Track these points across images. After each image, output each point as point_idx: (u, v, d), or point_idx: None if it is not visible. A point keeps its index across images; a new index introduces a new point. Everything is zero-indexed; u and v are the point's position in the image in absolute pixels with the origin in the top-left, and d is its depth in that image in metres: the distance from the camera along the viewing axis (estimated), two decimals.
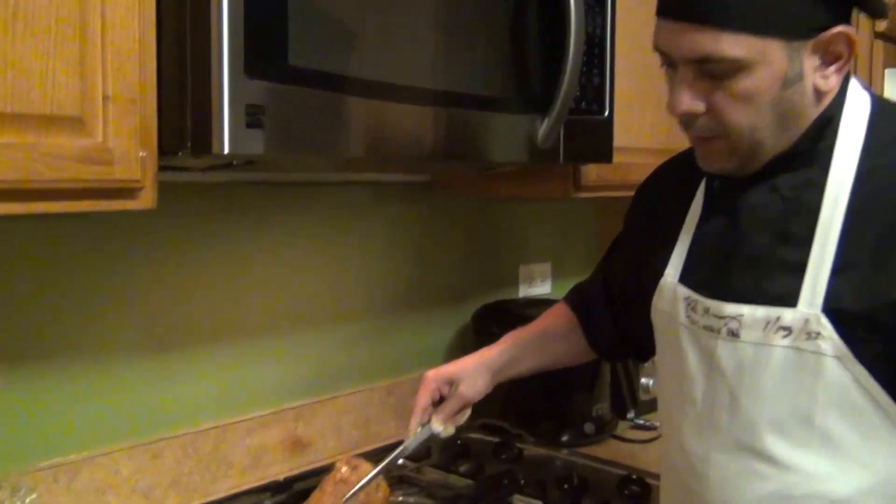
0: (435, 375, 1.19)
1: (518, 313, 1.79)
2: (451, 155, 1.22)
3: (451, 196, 1.81)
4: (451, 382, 1.19)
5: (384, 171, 1.55)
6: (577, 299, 1.29)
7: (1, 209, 0.87)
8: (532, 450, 1.63)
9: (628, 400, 1.76)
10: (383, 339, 1.71)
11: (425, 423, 1.18)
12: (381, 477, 1.16)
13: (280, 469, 1.49)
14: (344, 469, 1.15)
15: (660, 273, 1.03)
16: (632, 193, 1.72)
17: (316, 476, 1.41)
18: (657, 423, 1.80)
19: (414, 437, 1.18)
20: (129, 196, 0.96)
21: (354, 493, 1.11)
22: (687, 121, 0.93)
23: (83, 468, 1.24)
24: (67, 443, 1.24)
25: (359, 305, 1.65)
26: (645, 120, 1.66)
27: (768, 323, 0.91)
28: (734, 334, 0.93)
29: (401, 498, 1.32)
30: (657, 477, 1.46)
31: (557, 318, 1.29)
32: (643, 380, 1.81)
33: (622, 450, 1.68)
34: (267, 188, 1.48)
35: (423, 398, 1.18)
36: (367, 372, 1.67)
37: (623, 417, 1.79)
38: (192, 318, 1.39)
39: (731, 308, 0.94)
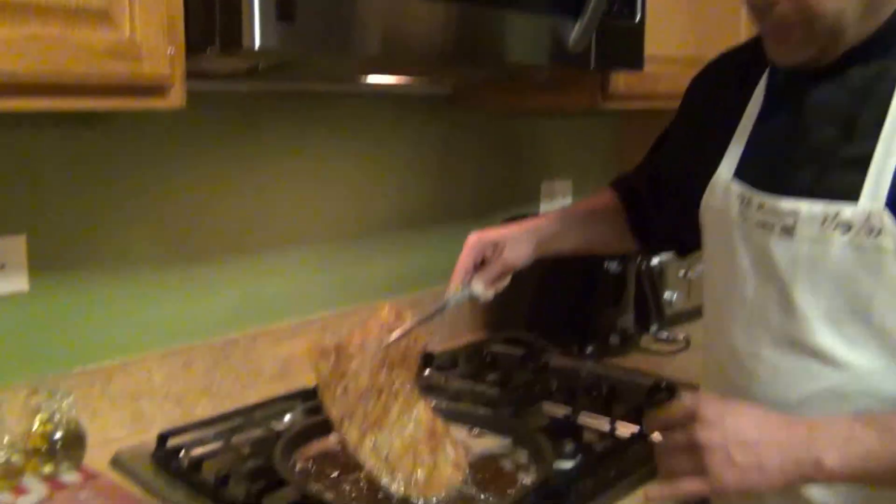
0: (479, 238, 1.18)
1: None
2: (480, 56, 1.19)
3: (474, 110, 1.78)
4: (496, 246, 1.17)
5: (408, 75, 1.51)
6: (623, 186, 1.28)
7: (29, 104, 0.86)
8: (558, 360, 1.64)
9: (653, 313, 1.75)
10: (406, 253, 1.70)
11: (466, 285, 1.17)
12: (418, 331, 1.15)
13: (310, 378, 1.49)
14: (389, 314, 1.13)
15: (713, 169, 1.01)
16: (659, 104, 1.69)
17: None
18: (680, 336, 1.81)
19: (454, 296, 1.17)
20: (158, 94, 0.95)
21: (396, 340, 1.09)
22: (763, 8, 0.90)
23: (117, 374, 1.25)
24: (102, 350, 1.25)
25: (382, 219, 1.65)
26: (674, 28, 1.62)
27: (826, 219, 0.89)
28: (789, 231, 0.91)
29: (433, 402, 1.32)
30: (687, 385, 1.48)
31: (603, 201, 1.28)
32: (667, 294, 1.81)
33: (647, 361, 1.69)
34: (291, 99, 1.46)
35: (466, 260, 1.17)
36: (391, 285, 1.67)
37: (647, 331, 1.80)
38: (220, 229, 1.39)
39: (787, 204, 0.92)
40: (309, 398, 1.37)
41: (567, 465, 1.16)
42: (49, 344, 1.20)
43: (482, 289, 1.16)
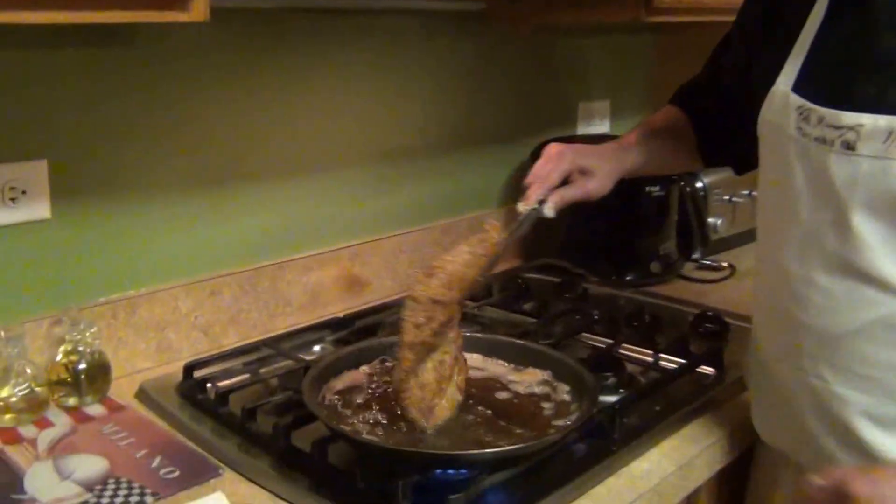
0: (574, 158, 1.08)
1: None
2: None
3: (507, 27, 1.68)
4: (585, 171, 1.09)
5: None
6: (687, 100, 1.19)
7: (44, 17, 0.80)
8: (596, 289, 1.57)
9: (697, 239, 1.68)
10: (438, 178, 1.63)
11: (540, 203, 1.06)
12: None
13: (337, 308, 1.45)
14: (492, 241, 0.98)
15: (771, 79, 0.92)
16: (705, 18, 1.59)
17: (376, 314, 1.38)
18: (724, 263, 1.74)
19: (528, 211, 1.06)
20: (180, 6, 0.88)
21: (494, 262, 0.99)
22: None
23: (142, 304, 1.21)
24: (127, 279, 1.21)
25: (412, 143, 1.57)
26: None
27: (891, 134, 0.80)
28: (850, 147, 0.83)
29: (467, 333, 1.26)
30: (734, 315, 1.41)
31: (672, 117, 1.20)
32: (710, 219, 1.73)
33: (690, 290, 1.62)
34: (317, 16, 1.37)
35: (553, 175, 1.07)
36: (422, 212, 1.61)
37: (689, 258, 1.72)
38: (245, 154, 1.33)
39: (849, 117, 0.83)
40: (339, 328, 1.33)
41: (609, 399, 1.11)
42: (72, 273, 1.16)
43: (553, 211, 1.07)
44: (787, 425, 0.97)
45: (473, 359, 1.10)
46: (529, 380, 1.06)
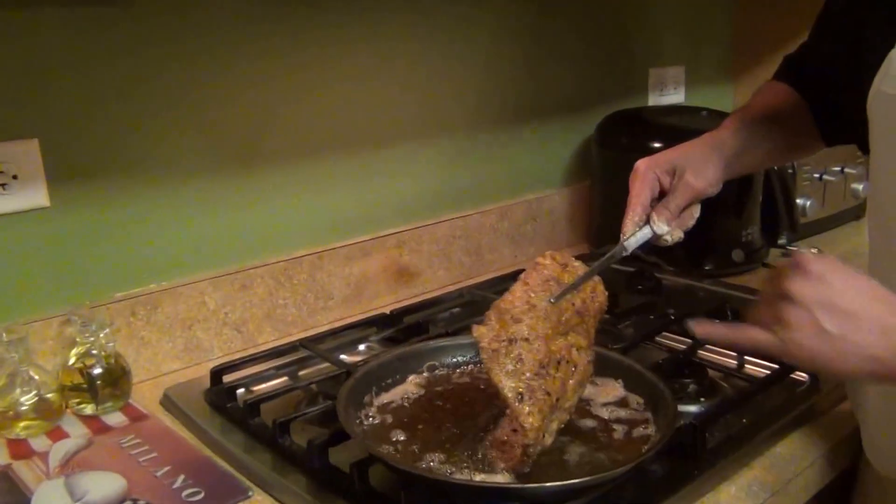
0: (650, 163, 0.96)
1: (652, 122, 1.55)
2: None
3: None
4: (674, 172, 0.96)
5: None
6: (796, 72, 1.03)
7: None
8: (671, 280, 1.42)
9: (785, 222, 1.51)
10: (494, 157, 1.49)
11: (643, 224, 0.94)
12: (597, 280, 0.92)
13: (384, 301, 1.33)
14: (550, 264, 0.89)
15: (889, 41, 0.76)
16: None
17: (427, 309, 1.26)
18: (814, 250, 1.56)
19: (632, 237, 0.94)
20: None
21: (564, 295, 0.86)
22: None
23: (165, 300, 1.11)
24: (145, 272, 1.10)
25: (466, 119, 1.43)
26: None
27: None
28: None
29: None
30: None
31: (780, 97, 1.03)
32: (799, 200, 1.55)
33: None
34: None
35: (640, 191, 0.94)
36: (478, 194, 1.47)
37: (774, 244, 1.56)
38: (281, 133, 1.20)
39: None
40: (385, 325, 1.20)
41: (689, 409, 0.97)
42: (81, 267, 1.05)
43: (666, 226, 0.94)
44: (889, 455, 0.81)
45: None
46: (596, 394, 0.92)
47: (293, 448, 0.90)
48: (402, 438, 0.84)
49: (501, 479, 0.78)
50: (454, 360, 0.99)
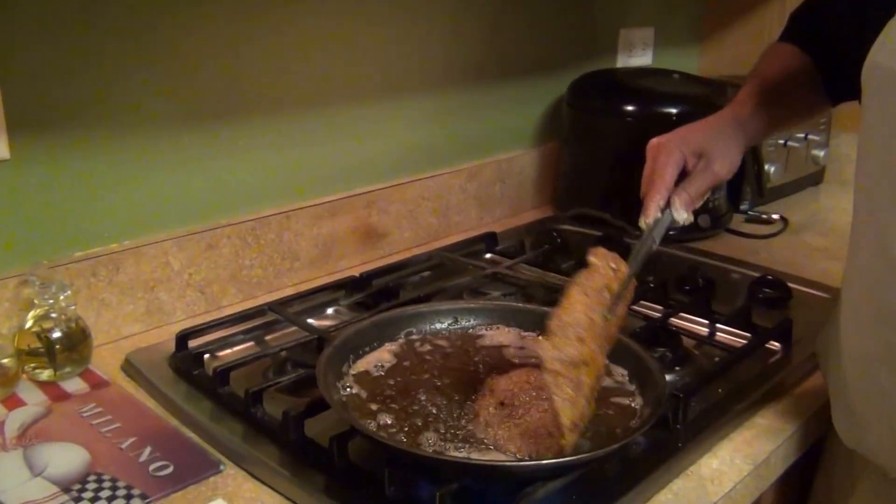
0: (679, 142, 0.92)
1: (623, 83, 1.52)
2: None
3: None
4: (700, 155, 0.92)
5: None
6: (801, 31, 1.00)
7: None
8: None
9: (752, 188, 1.51)
10: (464, 116, 1.45)
11: (666, 209, 0.91)
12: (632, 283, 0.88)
13: (350, 263, 1.29)
14: (603, 267, 0.85)
15: (886, 15, 0.74)
16: None
17: (396, 272, 1.22)
18: (776, 216, 1.58)
19: (656, 222, 0.91)
20: None
21: (616, 308, 0.82)
22: None
23: (127, 260, 1.05)
24: (108, 231, 1.04)
25: (435, 77, 1.38)
26: None
27: None
28: None
29: (503, 298, 1.11)
30: (794, 278, 1.25)
31: (790, 61, 1.00)
32: (767, 165, 1.55)
33: (739, 246, 1.46)
34: None
35: (667, 171, 0.90)
36: (446, 154, 1.43)
37: (737, 209, 1.56)
38: (250, 90, 1.14)
39: None
40: (354, 289, 1.17)
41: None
42: (41, 224, 0.99)
43: (686, 213, 0.92)
44: (880, 433, 0.81)
45: (510, 334, 0.96)
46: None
47: (266, 419, 0.87)
48: (381, 410, 0.81)
49: (480, 455, 0.76)
50: (432, 326, 0.96)
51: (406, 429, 0.79)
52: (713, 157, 0.92)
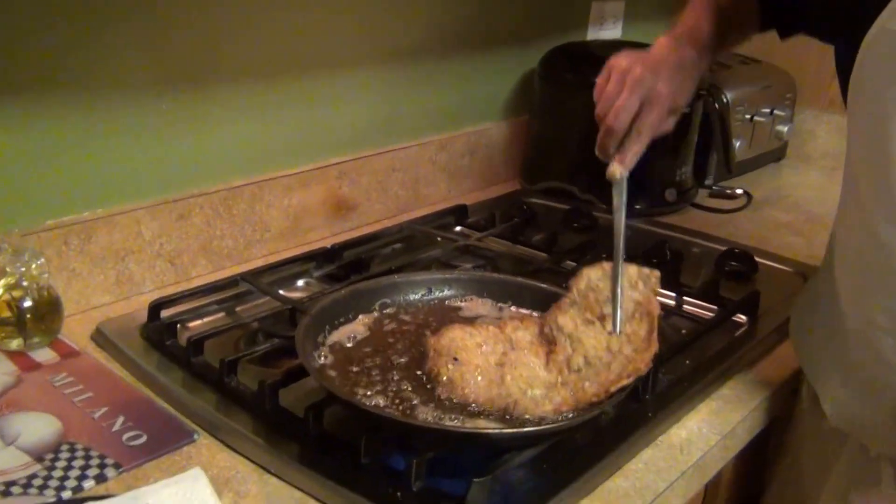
0: (669, 104, 0.88)
1: (594, 56, 1.51)
2: None
3: None
4: (658, 78, 0.88)
5: None
6: None
7: None
8: (604, 218, 1.43)
9: (720, 163, 1.52)
10: (434, 88, 1.45)
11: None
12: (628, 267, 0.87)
13: (320, 235, 1.29)
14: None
15: None
16: None
17: (367, 244, 1.22)
18: (739, 191, 1.60)
19: (623, 180, 0.89)
20: None
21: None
22: None
23: (99, 229, 1.03)
24: (79, 199, 1.02)
25: (406, 48, 1.37)
26: None
27: None
28: None
29: (474, 270, 1.12)
30: (759, 252, 1.28)
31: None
32: (734, 140, 1.57)
33: (704, 220, 1.48)
34: None
35: (653, 124, 0.88)
36: (416, 126, 1.43)
37: (702, 184, 1.58)
38: (223, 58, 1.13)
39: None
40: (325, 261, 1.16)
41: None
42: (12, 193, 0.97)
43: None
44: (875, 408, 0.82)
45: (484, 304, 0.96)
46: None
47: (241, 389, 0.87)
48: (358, 380, 0.82)
49: (456, 423, 0.77)
50: (406, 297, 0.97)
51: (380, 398, 0.79)
52: (675, 114, 0.92)
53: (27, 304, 0.93)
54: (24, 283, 0.93)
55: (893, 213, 0.72)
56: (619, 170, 0.90)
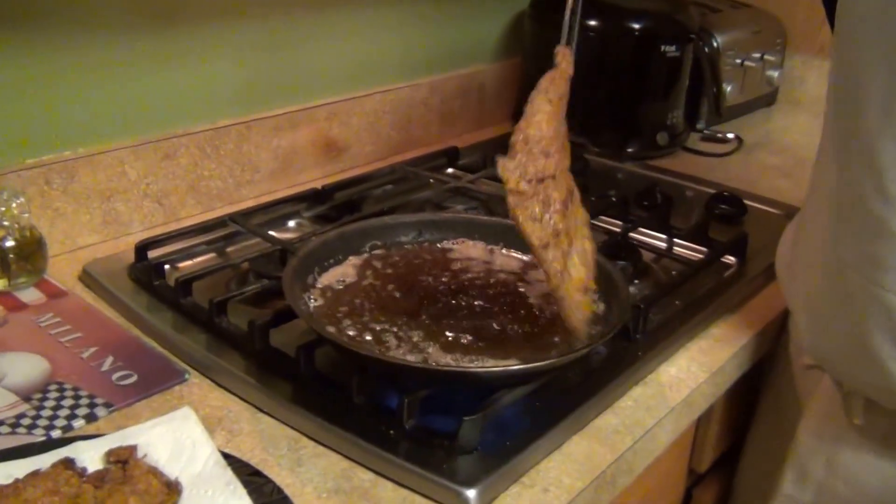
0: None
1: None
2: None
3: None
4: None
5: None
6: None
7: None
8: (596, 161, 1.42)
9: (710, 107, 1.51)
10: (425, 29, 1.42)
11: None
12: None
13: (311, 176, 1.28)
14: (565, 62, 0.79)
15: None
16: None
17: (358, 185, 1.21)
18: (730, 135, 1.59)
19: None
20: None
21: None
22: None
23: (82, 168, 1.02)
24: (61, 138, 1.00)
25: None
26: None
27: None
28: None
29: (465, 211, 1.11)
30: (749, 195, 1.27)
31: None
32: (724, 84, 1.56)
33: (696, 164, 1.47)
34: None
35: None
36: (407, 67, 1.41)
37: (693, 128, 1.57)
38: None
39: None
40: (316, 202, 1.15)
41: None
42: None
43: None
44: (843, 343, 0.83)
45: (476, 247, 0.96)
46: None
47: (231, 329, 0.86)
48: (349, 322, 0.81)
49: (452, 361, 0.77)
50: (396, 239, 0.96)
51: (370, 339, 0.79)
52: None
53: (9, 243, 0.92)
54: (5, 223, 0.91)
55: (863, 150, 0.72)
56: None
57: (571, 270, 0.75)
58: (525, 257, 0.94)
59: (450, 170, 1.33)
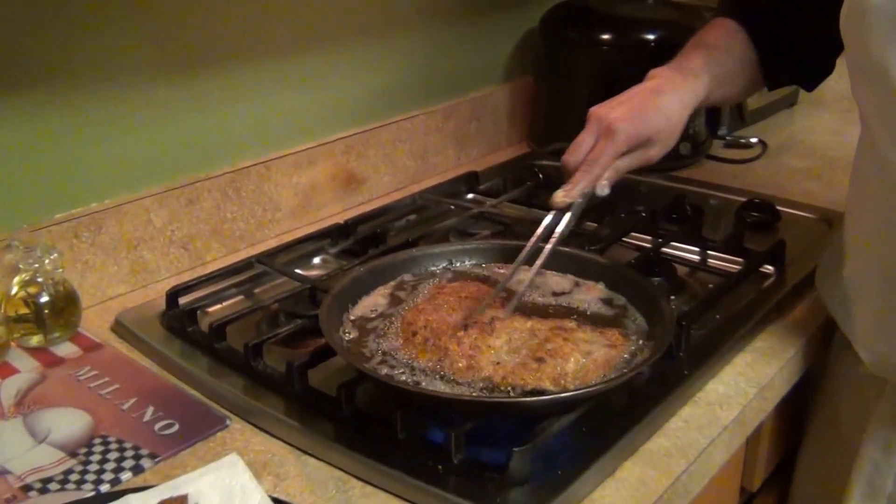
0: (628, 130, 0.87)
1: (597, 12, 1.49)
2: None
3: None
4: (647, 142, 0.90)
5: None
6: (740, 7, 0.99)
7: None
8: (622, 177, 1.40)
9: (732, 113, 1.50)
10: (436, 55, 1.42)
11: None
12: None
13: (332, 211, 1.27)
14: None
15: None
16: None
17: (380, 217, 1.20)
18: (754, 140, 1.57)
19: (579, 201, 0.88)
20: None
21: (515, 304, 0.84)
22: None
23: (108, 219, 1.01)
24: (86, 191, 1.00)
25: (402, 18, 1.35)
26: None
27: None
28: None
29: (497, 240, 1.09)
30: (780, 201, 1.26)
31: (725, 33, 0.98)
32: None
33: (720, 172, 1.46)
34: None
35: (607, 159, 0.87)
36: (419, 95, 1.40)
37: (715, 135, 1.55)
38: (223, 36, 1.10)
39: None
40: (340, 237, 1.14)
41: None
42: (18, 187, 0.95)
43: (609, 189, 0.89)
44: None
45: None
46: (591, 297, 0.90)
47: (269, 372, 0.85)
48: (384, 356, 0.80)
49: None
50: (427, 269, 0.95)
51: (407, 370, 0.78)
52: (655, 143, 0.91)
53: (44, 299, 0.91)
54: (39, 279, 0.91)
55: None
56: (560, 195, 0.89)
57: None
58: (556, 275, 0.93)
59: (470, 195, 1.32)
